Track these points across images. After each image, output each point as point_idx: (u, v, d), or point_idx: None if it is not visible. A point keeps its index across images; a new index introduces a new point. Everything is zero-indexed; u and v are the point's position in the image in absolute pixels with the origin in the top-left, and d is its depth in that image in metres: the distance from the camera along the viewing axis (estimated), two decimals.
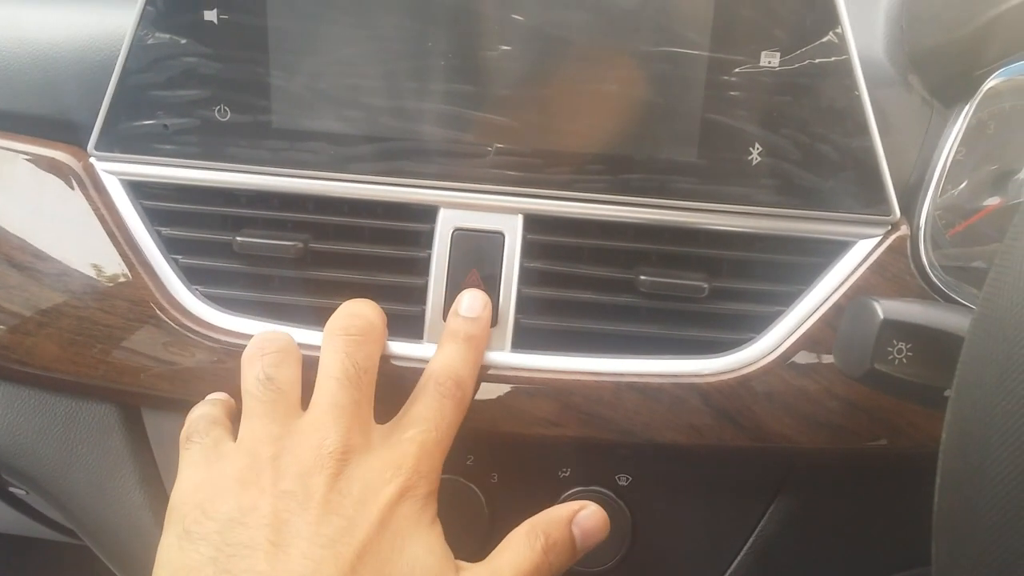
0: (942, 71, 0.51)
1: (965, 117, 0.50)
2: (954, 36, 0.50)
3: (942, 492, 0.30)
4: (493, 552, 0.44)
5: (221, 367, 0.51)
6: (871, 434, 0.48)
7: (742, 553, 0.55)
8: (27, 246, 0.54)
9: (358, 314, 0.48)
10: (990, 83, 0.50)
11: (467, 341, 0.48)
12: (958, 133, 0.50)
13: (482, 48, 0.48)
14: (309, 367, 0.47)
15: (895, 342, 0.39)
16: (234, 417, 0.48)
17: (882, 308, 0.40)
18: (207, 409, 0.47)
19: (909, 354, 0.39)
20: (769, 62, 0.47)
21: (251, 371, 0.46)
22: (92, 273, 0.53)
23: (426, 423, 0.45)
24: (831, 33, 0.47)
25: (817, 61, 0.47)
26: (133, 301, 0.52)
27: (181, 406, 0.50)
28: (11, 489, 0.68)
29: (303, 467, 0.42)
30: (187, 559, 0.39)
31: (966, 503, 0.28)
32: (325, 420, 0.43)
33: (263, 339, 0.48)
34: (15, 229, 0.54)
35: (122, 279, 0.52)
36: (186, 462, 0.45)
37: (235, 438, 0.45)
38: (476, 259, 0.51)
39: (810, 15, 0.47)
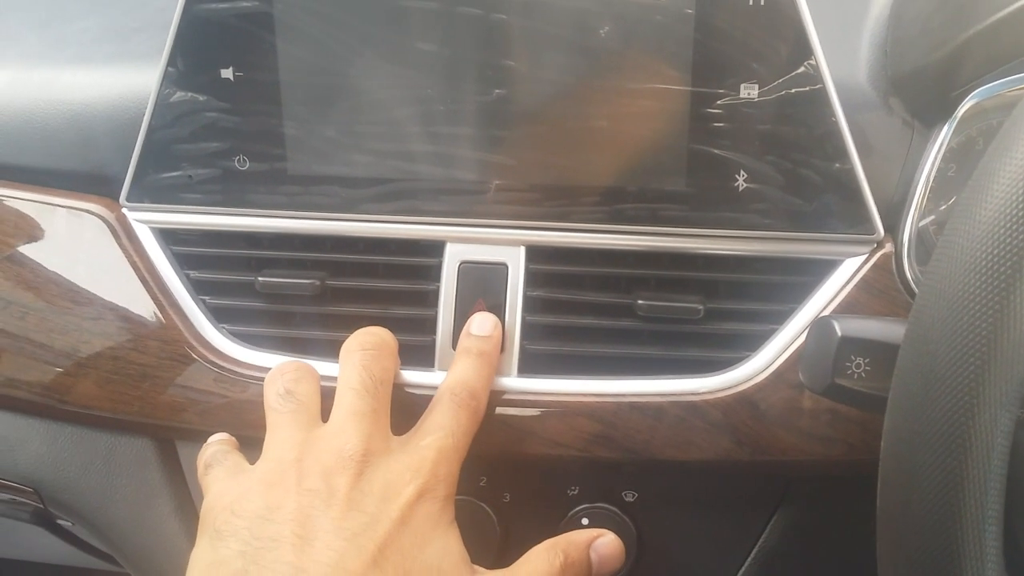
0: (921, 93, 0.54)
1: (944, 136, 0.52)
2: (931, 59, 0.53)
3: (882, 494, 0.32)
4: (513, 564, 0.47)
5: (248, 400, 0.55)
6: (864, 444, 0.50)
7: (745, 565, 0.57)
8: (66, 292, 0.58)
9: (372, 332, 0.52)
10: (970, 102, 0.53)
11: (479, 357, 0.51)
12: (938, 152, 0.53)
13: (478, 93, 0.52)
14: (328, 394, 0.51)
15: (853, 357, 0.41)
16: (242, 451, 0.52)
17: (840, 326, 0.42)
18: (218, 446, 0.51)
19: (868, 368, 0.41)
20: (749, 94, 0.50)
21: (272, 389, 0.50)
22: (126, 315, 0.57)
23: (443, 430, 0.48)
24: (806, 64, 0.50)
25: (794, 91, 0.50)
26: (165, 341, 0.56)
27: None
28: (59, 521, 0.71)
29: (326, 468, 0.45)
30: (217, 555, 0.42)
31: (902, 505, 0.30)
32: (346, 426, 0.47)
33: (282, 364, 0.52)
34: (55, 276, 0.58)
35: (154, 321, 0.57)
36: (211, 480, 0.49)
37: (251, 464, 0.49)
38: (482, 290, 0.55)
39: (785, 48, 0.50)
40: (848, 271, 0.52)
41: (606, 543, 0.48)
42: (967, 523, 0.28)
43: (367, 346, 0.50)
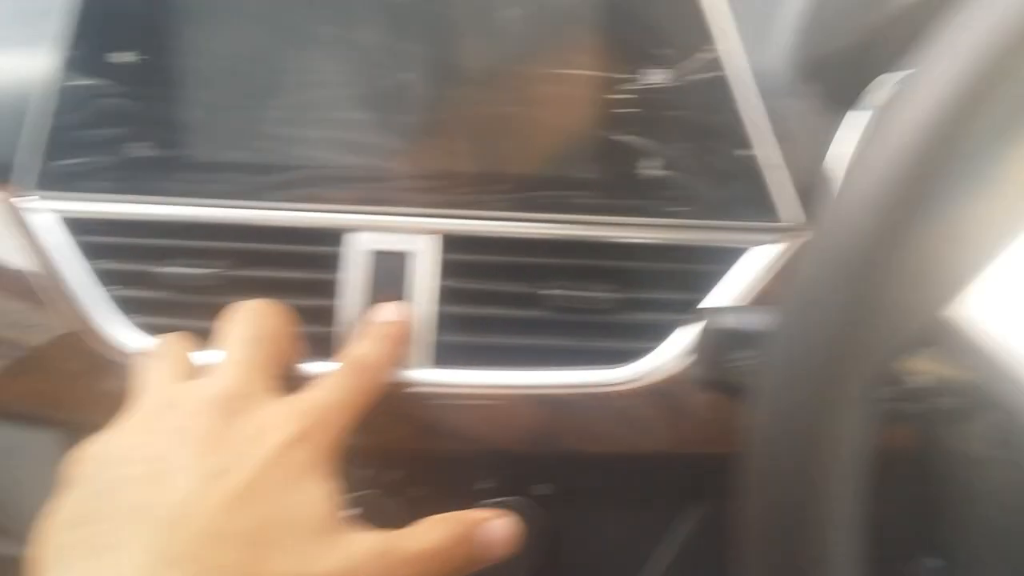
0: (840, 77, 0.52)
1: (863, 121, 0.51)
2: (849, 42, 0.52)
3: (741, 494, 0.30)
4: (397, 531, 0.44)
5: None
6: None
7: (658, 559, 0.55)
8: None
9: (254, 301, 0.50)
10: (881, 86, 0.51)
11: (378, 338, 0.50)
12: (856, 137, 0.51)
13: (383, 77, 0.52)
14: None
15: (738, 350, 0.40)
16: None
17: (724, 318, 0.41)
18: None
19: (750, 361, 0.39)
20: (656, 79, 0.49)
21: (148, 355, 0.49)
22: (23, 306, 0.55)
23: (328, 389, 0.45)
24: (711, 48, 0.49)
25: (702, 76, 0.50)
26: (67, 332, 0.55)
27: None
28: None
29: (193, 408, 0.42)
30: (62, 503, 0.40)
31: (755, 508, 0.28)
32: (220, 372, 0.44)
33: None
34: None
35: (55, 313, 0.55)
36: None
37: None
38: (392, 280, 0.54)
39: (692, 32, 0.49)
40: (760, 259, 0.51)
41: (497, 526, 0.46)
42: (811, 532, 0.27)
43: (247, 306, 0.49)
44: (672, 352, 0.52)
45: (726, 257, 0.52)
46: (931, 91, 0.27)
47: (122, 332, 0.55)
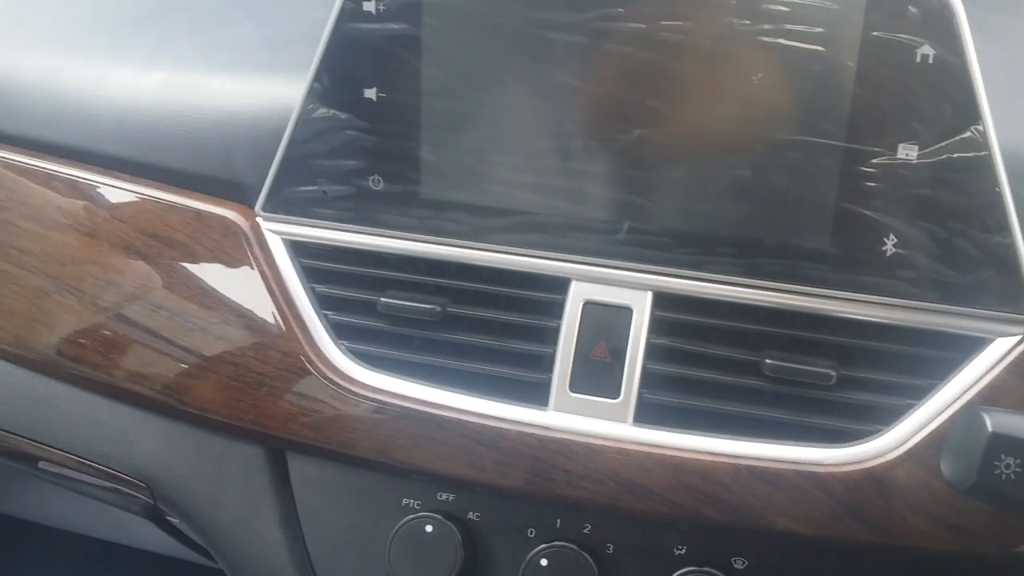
0: None
1: None
2: None
3: None
4: None
5: (360, 417, 0.56)
6: (994, 537, 0.48)
7: None
8: (196, 294, 0.60)
9: None
10: None
11: None
12: None
13: (618, 131, 0.53)
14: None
15: (1003, 456, 0.39)
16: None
17: (991, 421, 0.40)
18: None
19: (1018, 469, 0.38)
20: (907, 155, 0.48)
21: None
22: (250, 323, 0.59)
23: None
24: (972, 129, 0.49)
25: (956, 156, 0.49)
26: (285, 352, 0.58)
27: (322, 453, 0.58)
28: (167, 518, 0.70)
29: None
30: None
31: None
32: None
33: None
34: (186, 278, 0.60)
35: (276, 331, 0.58)
36: None
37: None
38: (604, 332, 0.55)
39: (951, 110, 0.48)
40: (998, 351, 0.50)
41: None
42: None
43: None
44: (894, 438, 0.50)
45: (964, 345, 0.50)
46: None
47: (337, 357, 0.57)
